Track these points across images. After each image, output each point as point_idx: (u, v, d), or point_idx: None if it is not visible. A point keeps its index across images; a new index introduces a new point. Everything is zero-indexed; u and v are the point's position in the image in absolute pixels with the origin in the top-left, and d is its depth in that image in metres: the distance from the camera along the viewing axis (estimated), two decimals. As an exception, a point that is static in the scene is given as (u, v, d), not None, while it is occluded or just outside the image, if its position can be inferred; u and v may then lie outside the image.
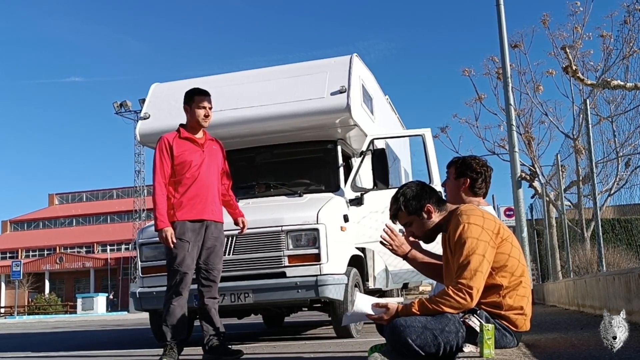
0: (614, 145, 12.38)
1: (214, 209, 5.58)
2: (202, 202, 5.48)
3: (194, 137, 5.62)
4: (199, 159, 5.54)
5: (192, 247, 5.40)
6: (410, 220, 3.62)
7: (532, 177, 17.81)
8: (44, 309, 55.37)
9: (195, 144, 5.59)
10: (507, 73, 14.88)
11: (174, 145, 5.52)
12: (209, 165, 5.59)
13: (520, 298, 3.45)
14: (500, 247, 3.42)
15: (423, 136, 7.95)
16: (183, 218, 5.41)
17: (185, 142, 5.57)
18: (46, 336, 12.82)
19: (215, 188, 5.63)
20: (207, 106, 5.65)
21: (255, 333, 9.88)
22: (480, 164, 3.89)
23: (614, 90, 12.42)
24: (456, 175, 3.85)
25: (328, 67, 8.11)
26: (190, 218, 5.42)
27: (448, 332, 3.24)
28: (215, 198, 5.63)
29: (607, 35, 15.07)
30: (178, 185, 5.48)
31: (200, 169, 5.51)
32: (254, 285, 6.73)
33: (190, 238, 5.39)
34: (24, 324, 26.38)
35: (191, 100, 5.66)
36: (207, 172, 5.55)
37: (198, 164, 5.52)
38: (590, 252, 11.94)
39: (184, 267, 5.34)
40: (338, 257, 6.90)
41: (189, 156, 5.51)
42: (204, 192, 5.50)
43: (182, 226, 5.39)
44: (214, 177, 5.63)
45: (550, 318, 7.95)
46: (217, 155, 5.77)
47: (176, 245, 5.33)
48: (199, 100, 5.62)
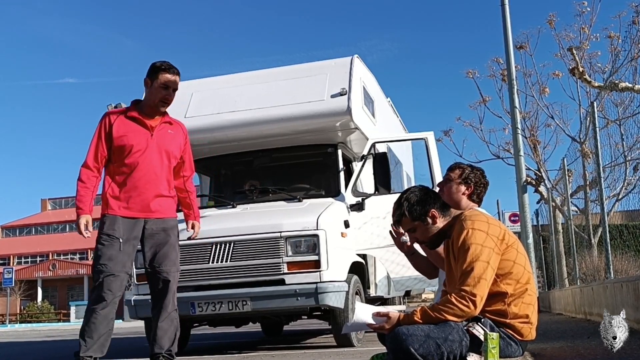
0: (621, 149, 12.40)
1: (157, 205, 4.90)
2: (140, 196, 4.84)
3: (142, 117, 4.91)
4: (143, 143, 4.84)
5: (124, 246, 4.78)
6: (414, 226, 3.62)
7: (537, 181, 17.83)
8: (37, 317, 55.29)
9: (142, 126, 4.89)
10: (512, 75, 14.90)
11: (115, 124, 4.86)
12: (156, 153, 4.88)
13: (526, 306, 3.45)
14: (505, 253, 3.42)
15: (426, 140, 7.96)
16: (115, 212, 4.82)
17: (131, 122, 4.89)
18: (38, 345, 12.81)
19: (161, 180, 4.92)
20: (172, 87, 4.93)
21: (254, 342, 9.87)
22: (484, 176, 3.95)
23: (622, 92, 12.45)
24: (461, 179, 3.87)
25: (328, 68, 8.12)
26: (123, 214, 4.82)
27: (451, 341, 3.23)
28: (161, 191, 4.92)
29: (615, 36, 15.09)
30: (116, 172, 4.87)
31: (143, 155, 4.83)
32: (252, 292, 6.72)
33: (122, 235, 4.77)
34: (16, 332, 26.35)
35: (155, 75, 4.90)
36: (150, 160, 4.85)
37: (141, 150, 4.83)
38: (597, 259, 11.94)
39: (109, 268, 4.69)
40: (338, 263, 6.89)
41: (131, 139, 4.83)
42: (143, 184, 4.85)
43: (113, 221, 4.80)
44: (160, 167, 4.90)
45: (556, 326, 7.95)
46: (173, 141, 5.02)
47: (104, 241, 4.75)
48: (165, 80, 4.89)
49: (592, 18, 15.73)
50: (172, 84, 4.93)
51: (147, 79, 4.94)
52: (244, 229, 6.94)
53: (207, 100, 8.22)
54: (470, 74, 19.09)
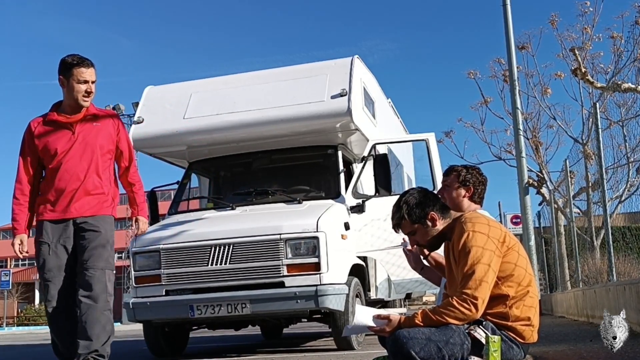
0: (624, 151, 12.42)
1: (84, 203, 4.78)
2: (66, 198, 4.76)
3: (61, 119, 4.81)
4: (65, 145, 4.76)
5: (54, 249, 4.74)
6: (414, 229, 3.62)
7: (539, 183, 17.82)
8: (34, 320, 55.26)
9: (61, 127, 4.80)
10: (514, 75, 14.92)
11: (36, 132, 4.81)
12: (80, 150, 4.78)
13: (528, 308, 3.45)
14: (506, 256, 3.42)
15: (427, 141, 7.97)
16: (42, 217, 4.80)
17: (50, 127, 4.82)
18: (35, 348, 12.80)
19: (88, 177, 4.78)
20: (90, 79, 4.77)
21: (253, 345, 9.87)
22: (481, 174, 3.93)
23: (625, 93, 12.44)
24: (460, 182, 3.86)
25: (328, 69, 8.13)
26: (50, 217, 4.78)
27: (453, 344, 3.24)
28: (88, 189, 4.79)
29: (617, 37, 15.10)
30: (44, 178, 4.85)
31: (67, 156, 4.75)
32: (252, 295, 6.73)
33: (51, 239, 4.75)
34: (13, 335, 26.34)
35: (68, 71, 4.75)
36: (75, 159, 4.76)
37: (65, 151, 4.75)
38: (600, 261, 11.94)
39: (44, 272, 4.71)
40: (339, 266, 6.90)
41: (53, 143, 4.77)
42: (64, 185, 4.75)
43: (40, 226, 4.79)
44: (86, 164, 4.78)
45: (558, 329, 7.95)
46: (100, 134, 4.88)
47: (38, 248, 4.75)
48: (79, 73, 4.74)
49: (595, 18, 15.76)
50: (89, 77, 4.78)
51: (61, 77, 4.79)
52: (243, 231, 6.95)
53: (206, 101, 8.23)
54: (471, 75, 19.10)
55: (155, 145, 8.44)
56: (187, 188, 8.59)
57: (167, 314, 7.03)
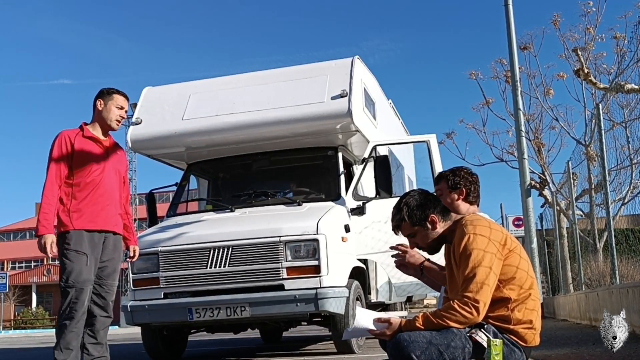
0: (627, 152, 12.42)
1: (114, 220, 5.25)
2: (103, 211, 5.13)
3: (98, 137, 5.25)
4: (101, 162, 5.18)
5: (90, 260, 5.02)
6: (414, 231, 3.62)
7: (542, 185, 17.86)
8: (31, 324, 55.28)
9: (99, 145, 5.23)
10: (515, 76, 14.92)
11: (75, 143, 5.12)
12: (111, 171, 5.24)
13: (530, 312, 3.45)
14: (507, 258, 3.42)
15: (428, 142, 7.97)
16: (81, 227, 5.02)
17: (89, 141, 5.18)
18: (32, 352, 12.80)
19: (116, 197, 5.30)
20: (125, 108, 5.32)
21: (252, 349, 9.87)
22: (470, 173, 3.91)
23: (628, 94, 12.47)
24: (450, 188, 3.85)
25: (328, 70, 8.13)
26: (89, 227, 5.05)
27: (454, 347, 3.24)
28: (117, 208, 5.29)
29: (620, 37, 15.13)
30: (77, 189, 5.07)
31: (103, 173, 5.16)
32: (251, 298, 6.73)
33: (88, 250, 5.01)
34: (10, 338, 26.33)
35: (109, 96, 5.27)
36: (109, 179, 5.21)
37: (101, 168, 5.16)
38: (602, 264, 11.94)
39: (80, 283, 4.92)
40: (339, 269, 6.90)
41: (91, 158, 5.13)
42: (105, 200, 5.14)
43: (79, 236, 5.00)
44: (115, 185, 5.29)
45: (561, 333, 7.95)
46: (120, 162, 5.42)
47: (72, 257, 4.96)
48: (119, 100, 5.27)
49: (598, 18, 15.80)
50: (125, 105, 5.31)
51: (99, 100, 5.25)
52: (243, 233, 6.95)
53: (205, 102, 8.23)
54: (473, 76, 19.15)
55: (153, 147, 8.45)
56: (186, 190, 8.59)
57: (166, 317, 7.03)
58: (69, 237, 4.98)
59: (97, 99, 5.27)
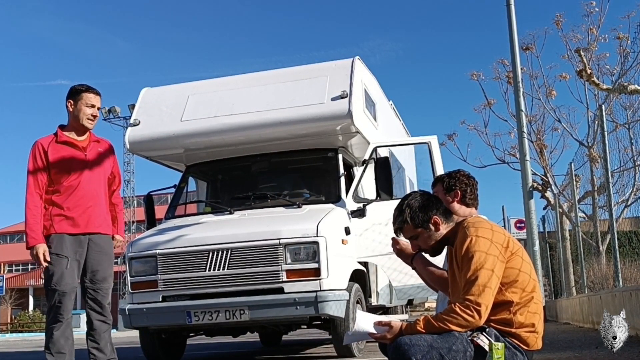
0: (631, 154, 12.44)
1: (97, 220, 5.25)
2: (85, 213, 5.17)
3: (73, 140, 5.27)
4: (79, 165, 5.21)
5: (72, 263, 5.07)
6: (416, 233, 3.61)
7: (544, 187, 17.86)
8: (28, 327, 55.21)
9: (75, 148, 5.25)
10: (518, 77, 14.94)
11: (49, 151, 5.17)
12: (92, 172, 5.26)
13: (532, 315, 3.45)
14: (510, 261, 3.42)
15: (429, 144, 7.97)
16: (61, 231, 5.09)
17: (63, 146, 5.23)
18: (29, 356, 12.80)
19: (100, 196, 5.30)
20: (97, 105, 5.30)
21: (251, 352, 9.87)
22: (466, 176, 3.92)
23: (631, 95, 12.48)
24: (446, 190, 3.86)
25: (328, 70, 8.13)
26: (69, 231, 5.11)
27: (455, 351, 3.23)
28: (101, 208, 5.30)
29: (624, 37, 15.14)
30: (56, 195, 5.15)
31: (81, 176, 5.18)
32: (250, 301, 6.72)
33: (69, 253, 5.08)
34: (7, 342, 26.34)
35: (78, 95, 5.25)
36: (89, 179, 5.21)
37: (79, 171, 5.19)
38: (605, 267, 11.95)
39: (62, 286, 5.00)
40: (339, 271, 6.90)
41: (67, 163, 5.18)
42: (87, 202, 5.18)
43: (60, 240, 5.08)
44: (97, 185, 5.29)
45: (563, 336, 7.95)
46: (104, 158, 5.42)
47: (53, 261, 5.03)
48: (88, 98, 5.25)
49: (601, 19, 15.81)
50: (96, 102, 5.30)
51: (70, 100, 5.26)
52: (242, 235, 6.95)
53: (203, 104, 8.23)
54: (474, 76, 19.17)
55: (151, 148, 8.45)
56: (184, 192, 8.58)
57: (164, 320, 7.03)
58: (50, 241, 5.08)
59: (67, 99, 5.28)
